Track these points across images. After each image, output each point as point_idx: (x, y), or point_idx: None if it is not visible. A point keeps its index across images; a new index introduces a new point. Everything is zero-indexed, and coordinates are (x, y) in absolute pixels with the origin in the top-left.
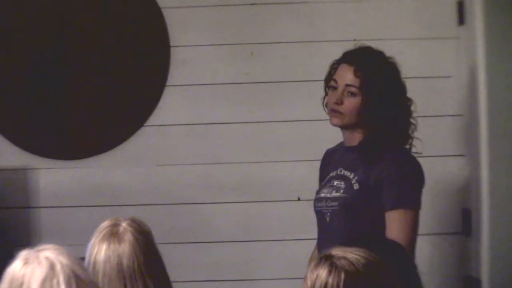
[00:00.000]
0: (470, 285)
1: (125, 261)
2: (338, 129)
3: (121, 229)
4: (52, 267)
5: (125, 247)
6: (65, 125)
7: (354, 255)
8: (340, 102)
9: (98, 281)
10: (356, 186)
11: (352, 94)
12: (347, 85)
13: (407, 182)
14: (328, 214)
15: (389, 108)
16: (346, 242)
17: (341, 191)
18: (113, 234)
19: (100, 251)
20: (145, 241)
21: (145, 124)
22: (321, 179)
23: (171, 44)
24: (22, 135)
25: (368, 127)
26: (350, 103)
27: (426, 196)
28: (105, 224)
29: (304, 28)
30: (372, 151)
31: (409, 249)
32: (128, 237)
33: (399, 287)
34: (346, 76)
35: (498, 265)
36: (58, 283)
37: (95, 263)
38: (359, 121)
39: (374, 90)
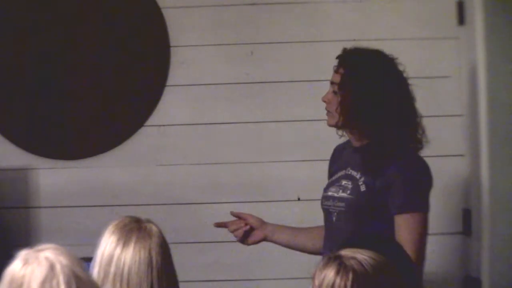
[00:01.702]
0: (470, 285)
1: (154, 255)
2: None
3: (145, 224)
4: (52, 267)
5: (154, 242)
6: (65, 125)
7: (363, 256)
8: (328, 101)
9: (123, 276)
10: (363, 188)
11: (336, 92)
12: (332, 83)
13: (415, 185)
14: (335, 214)
15: (372, 106)
16: (348, 243)
17: (348, 191)
18: (141, 229)
19: (128, 247)
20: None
21: (145, 124)
22: (330, 175)
23: (171, 44)
24: (22, 135)
25: (361, 127)
26: (334, 101)
27: None
28: (125, 220)
29: (304, 28)
30: (380, 154)
31: (419, 253)
32: (155, 231)
33: None
34: (333, 74)
35: (498, 265)
36: (58, 283)
37: (120, 260)
38: (347, 120)
39: (351, 87)
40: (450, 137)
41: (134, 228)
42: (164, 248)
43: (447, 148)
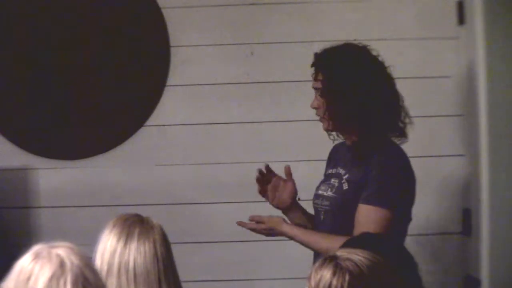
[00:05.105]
0: (470, 285)
1: (158, 247)
2: None
3: (146, 218)
4: (62, 265)
5: (157, 234)
6: (65, 125)
7: (358, 257)
8: (317, 107)
9: (129, 268)
10: (345, 186)
11: (322, 96)
12: (315, 90)
13: (388, 181)
14: (322, 213)
15: (357, 98)
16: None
17: (334, 190)
18: (143, 223)
19: (132, 239)
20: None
21: (145, 124)
22: (324, 174)
23: (171, 44)
24: (22, 135)
25: (351, 124)
26: (322, 106)
27: (426, 196)
28: (125, 216)
29: (304, 28)
30: (362, 150)
31: None
32: (156, 224)
33: None
34: (313, 81)
35: (498, 265)
36: (65, 282)
37: (124, 252)
38: (337, 123)
39: (333, 90)
40: (450, 137)
41: (135, 222)
42: (166, 241)
43: (447, 148)
